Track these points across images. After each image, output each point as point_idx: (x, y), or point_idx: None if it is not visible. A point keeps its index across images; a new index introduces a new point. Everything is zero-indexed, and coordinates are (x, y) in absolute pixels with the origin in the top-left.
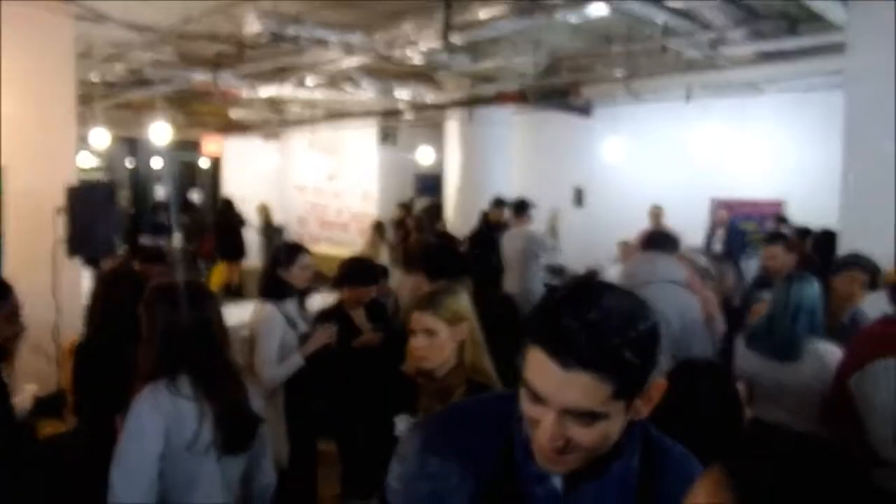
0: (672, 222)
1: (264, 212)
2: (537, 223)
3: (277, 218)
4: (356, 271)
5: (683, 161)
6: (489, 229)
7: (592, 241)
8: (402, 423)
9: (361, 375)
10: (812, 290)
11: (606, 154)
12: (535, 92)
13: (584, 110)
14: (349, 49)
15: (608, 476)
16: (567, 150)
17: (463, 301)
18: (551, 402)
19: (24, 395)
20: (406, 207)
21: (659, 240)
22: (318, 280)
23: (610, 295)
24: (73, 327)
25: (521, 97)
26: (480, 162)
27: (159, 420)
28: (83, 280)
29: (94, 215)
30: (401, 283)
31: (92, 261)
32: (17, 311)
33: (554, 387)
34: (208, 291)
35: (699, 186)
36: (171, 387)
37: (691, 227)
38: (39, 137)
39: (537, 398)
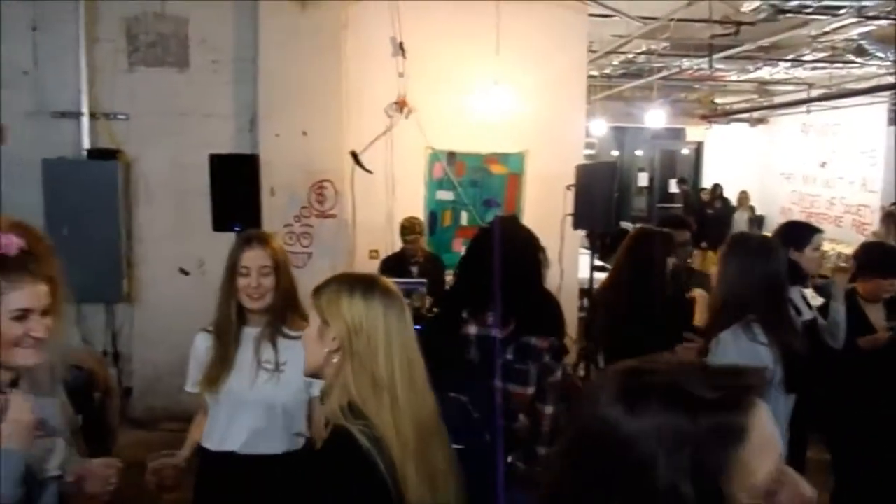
0: None
1: (745, 200)
2: None
3: (757, 208)
4: (878, 259)
5: None
6: None
7: None
8: None
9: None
10: None
11: None
12: None
13: None
14: (863, 14)
15: None
16: None
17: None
18: None
19: None
20: None
21: None
22: None
23: None
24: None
25: None
26: None
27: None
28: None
29: (597, 192)
30: None
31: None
32: None
33: None
34: (776, 244)
35: None
36: (747, 332)
37: None
38: (556, 125)
39: None
